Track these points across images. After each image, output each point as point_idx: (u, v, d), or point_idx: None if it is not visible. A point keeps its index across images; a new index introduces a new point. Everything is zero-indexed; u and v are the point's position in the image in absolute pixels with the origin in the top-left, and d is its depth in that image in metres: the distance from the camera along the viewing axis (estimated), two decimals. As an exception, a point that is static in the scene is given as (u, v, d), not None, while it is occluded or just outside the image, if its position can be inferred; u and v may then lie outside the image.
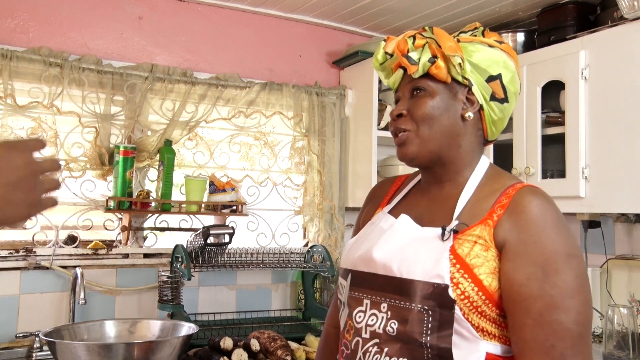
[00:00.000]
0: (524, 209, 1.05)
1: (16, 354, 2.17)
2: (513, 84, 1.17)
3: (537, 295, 1.00)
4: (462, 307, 1.02)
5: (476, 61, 1.14)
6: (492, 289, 1.03)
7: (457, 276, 1.02)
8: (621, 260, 2.45)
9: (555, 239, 1.03)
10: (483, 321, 1.03)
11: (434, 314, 1.02)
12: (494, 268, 1.04)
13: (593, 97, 2.18)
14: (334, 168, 2.92)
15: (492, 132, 1.19)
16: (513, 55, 1.19)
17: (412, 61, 1.14)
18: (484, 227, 1.06)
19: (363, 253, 1.16)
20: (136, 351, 1.78)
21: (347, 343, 1.15)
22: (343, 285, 1.20)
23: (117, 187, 2.38)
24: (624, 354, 2.08)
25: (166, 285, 2.28)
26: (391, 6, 2.70)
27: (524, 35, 2.60)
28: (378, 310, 1.09)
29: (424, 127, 1.14)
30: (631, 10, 2.03)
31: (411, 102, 1.16)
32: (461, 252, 1.05)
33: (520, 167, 2.39)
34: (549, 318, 0.99)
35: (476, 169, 1.17)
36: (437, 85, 1.14)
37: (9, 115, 2.26)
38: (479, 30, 1.20)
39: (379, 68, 1.23)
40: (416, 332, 1.03)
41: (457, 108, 1.15)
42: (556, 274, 1.00)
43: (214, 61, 2.75)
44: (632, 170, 2.04)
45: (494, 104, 1.16)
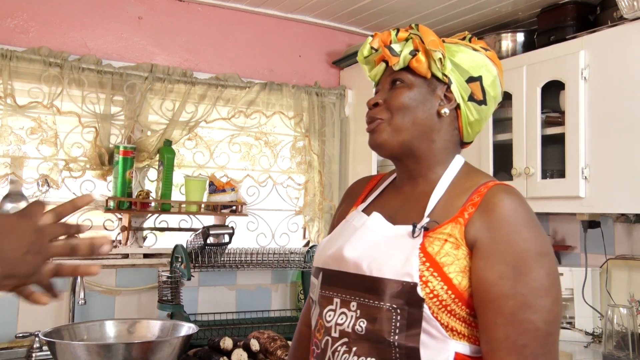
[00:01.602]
0: (495, 207, 1.04)
1: (16, 354, 2.17)
2: (493, 88, 1.17)
3: (509, 295, 0.99)
4: (431, 305, 1.01)
5: (458, 61, 1.15)
6: (462, 288, 1.03)
7: (427, 274, 1.02)
8: (621, 260, 2.45)
9: (526, 238, 1.02)
10: (452, 320, 1.03)
11: (403, 312, 1.02)
12: (465, 267, 1.03)
13: (593, 97, 2.18)
14: (334, 168, 2.93)
15: (468, 133, 1.19)
16: (497, 62, 1.19)
17: (393, 52, 1.14)
18: (454, 225, 1.06)
19: (334, 251, 1.16)
20: (136, 351, 1.78)
21: (317, 342, 1.14)
22: (315, 283, 1.20)
23: (116, 187, 2.38)
24: (623, 354, 2.08)
25: (166, 285, 2.28)
26: (391, 6, 2.70)
27: (524, 35, 2.60)
28: (348, 309, 1.09)
29: (398, 116, 1.14)
30: (631, 11, 2.03)
31: (389, 93, 1.17)
32: (431, 251, 1.04)
33: (520, 167, 2.39)
34: (520, 317, 0.99)
35: (449, 167, 1.17)
36: (417, 78, 1.15)
37: (9, 115, 2.26)
38: (467, 38, 1.21)
39: (364, 62, 1.24)
40: (385, 331, 1.03)
41: (433, 103, 1.15)
42: (528, 272, 1.00)
43: (214, 61, 2.75)
44: (632, 170, 2.04)
45: (472, 104, 1.16)
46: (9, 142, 2.26)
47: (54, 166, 2.33)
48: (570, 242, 2.71)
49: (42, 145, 2.32)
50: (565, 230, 2.74)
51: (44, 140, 2.31)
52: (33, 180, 2.31)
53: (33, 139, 2.31)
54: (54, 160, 2.33)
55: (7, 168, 2.25)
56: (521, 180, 2.38)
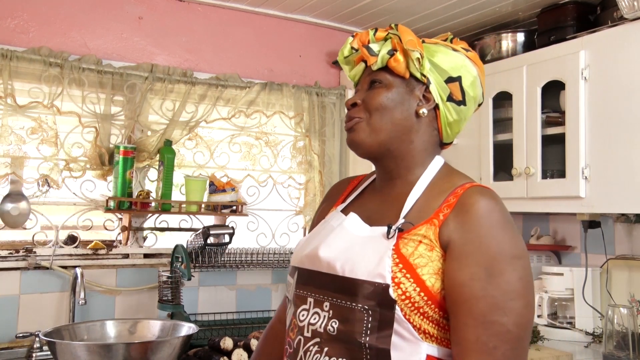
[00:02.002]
0: (470, 208, 1.04)
1: (16, 354, 2.17)
2: (473, 88, 1.17)
3: (480, 296, 0.99)
4: (403, 307, 1.00)
5: (437, 61, 1.14)
6: (434, 290, 1.02)
7: (399, 276, 1.01)
8: (621, 260, 2.45)
9: (500, 240, 1.01)
10: (425, 322, 1.02)
11: (374, 313, 1.01)
12: (438, 269, 1.03)
13: (593, 97, 2.18)
14: (334, 168, 2.93)
15: (448, 134, 1.18)
16: (478, 63, 1.18)
17: (371, 52, 1.14)
18: (429, 227, 1.05)
19: (310, 251, 1.15)
20: (136, 351, 1.78)
21: (290, 342, 1.14)
22: (290, 282, 1.20)
23: (117, 187, 2.38)
24: (624, 354, 2.08)
25: (166, 286, 2.28)
26: (391, 6, 2.70)
27: (524, 35, 2.60)
28: (321, 309, 1.08)
29: (376, 116, 1.14)
30: (631, 11, 2.03)
31: (367, 93, 1.16)
32: (405, 252, 1.03)
33: (520, 167, 2.39)
34: (491, 319, 0.98)
35: (428, 168, 1.16)
36: (395, 79, 1.15)
37: (9, 115, 2.26)
38: (449, 38, 1.21)
39: (344, 62, 1.23)
40: (356, 332, 1.02)
41: (411, 104, 1.15)
42: (500, 275, 0.99)
43: (214, 61, 2.75)
44: (632, 171, 2.04)
45: (451, 105, 1.15)
46: (10, 142, 2.26)
47: (54, 166, 2.33)
48: (571, 242, 2.71)
49: (42, 145, 2.32)
50: (565, 230, 2.74)
51: (44, 140, 2.31)
52: (33, 180, 2.31)
53: (33, 139, 2.31)
54: (54, 160, 2.33)
55: (7, 168, 2.25)
56: (521, 180, 2.38)
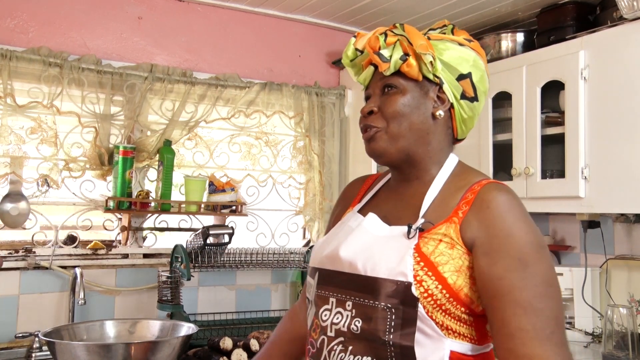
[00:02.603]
0: (489, 204, 1.05)
1: (15, 354, 2.17)
2: (482, 82, 1.18)
3: (522, 286, 1.00)
4: (425, 304, 1.02)
5: (447, 59, 1.14)
6: (456, 287, 1.03)
7: (421, 274, 1.02)
8: (620, 260, 2.45)
9: (526, 231, 1.04)
10: (447, 319, 1.03)
11: (397, 311, 1.02)
12: (460, 266, 1.04)
13: (592, 98, 2.18)
14: (334, 168, 2.93)
15: (462, 131, 1.20)
16: (482, 54, 1.19)
17: (383, 59, 1.14)
18: (449, 225, 1.06)
19: (330, 251, 1.16)
20: (135, 351, 1.78)
21: (313, 342, 1.15)
22: (311, 284, 1.21)
23: (116, 187, 2.38)
24: (623, 354, 2.08)
25: (166, 286, 2.28)
26: (391, 6, 2.70)
27: (524, 35, 2.60)
28: (343, 309, 1.09)
29: (394, 124, 1.14)
30: (631, 11, 2.03)
31: (382, 100, 1.16)
32: (426, 251, 1.05)
33: (519, 167, 2.39)
34: (539, 306, 1.00)
35: (444, 167, 1.17)
36: (408, 82, 1.15)
37: (8, 115, 2.26)
38: (448, 28, 1.20)
39: (349, 64, 1.23)
40: (380, 330, 1.03)
41: (427, 106, 1.15)
42: (533, 264, 1.01)
43: (214, 61, 2.75)
44: (632, 171, 2.04)
45: (464, 102, 1.16)
46: (9, 142, 2.26)
47: (54, 166, 2.33)
48: (570, 242, 2.71)
49: (42, 145, 2.32)
50: (565, 230, 2.74)
51: (44, 140, 2.31)
52: (33, 180, 2.31)
53: (33, 139, 2.31)
54: (54, 160, 2.33)
55: (6, 168, 2.25)
56: (521, 180, 2.38)
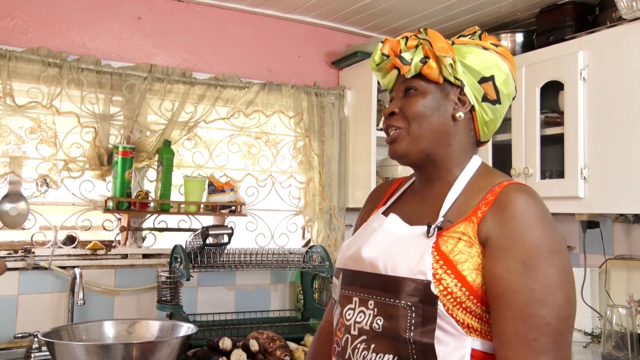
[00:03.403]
0: (507, 204, 1.06)
1: (15, 355, 2.17)
2: (506, 86, 1.19)
3: (519, 289, 1.00)
4: (445, 302, 1.02)
5: (469, 63, 1.16)
6: (476, 285, 1.04)
7: (440, 272, 1.04)
8: (620, 260, 2.45)
9: (537, 235, 1.03)
10: (468, 317, 1.04)
11: (418, 309, 1.04)
12: (478, 264, 1.05)
13: (592, 98, 2.18)
14: (334, 168, 2.92)
15: (485, 133, 1.21)
16: (509, 58, 1.20)
17: (404, 61, 1.16)
18: (468, 224, 1.08)
19: (353, 252, 1.19)
20: (135, 352, 1.78)
21: (338, 340, 1.17)
22: (336, 284, 1.24)
23: (116, 188, 2.38)
24: (622, 354, 2.08)
25: (165, 286, 2.28)
26: (390, 6, 2.70)
27: (523, 35, 2.60)
28: (366, 308, 1.12)
29: (415, 125, 1.16)
30: (630, 11, 2.03)
31: (404, 101, 1.19)
32: (445, 249, 1.06)
33: (519, 168, 2.39)
34: (530, 311, 0.99)
35: (466, 168, 1.19)
36: (429, 85, 1.17)
37: (7, 115, 2.25)
38: (477, 34, 1.22)
39: (376, 69, 1.26)
40: (400, 328, 1.05)
41: (448, 108, 1.17)
42: (538, 268, 1.01)
43: (213, 61, 2.75)
44: (631, 171, 2.04)
45: (486, 105, 1.17)
46: (8, 142, 2.26)
47: (53, 166, 2.33)
48: (570, 242, 2.71)
49: (41, 145, 2.31)
50: (564, 230, 2.74)
51: (43, 140, 2.31)
52: (32, 180, 2.31)
53: (32, 139, 2.30)
54: (53, 160, 2.33)
55: (6, 168, 2.25)
56: (520, 181, 2.37)
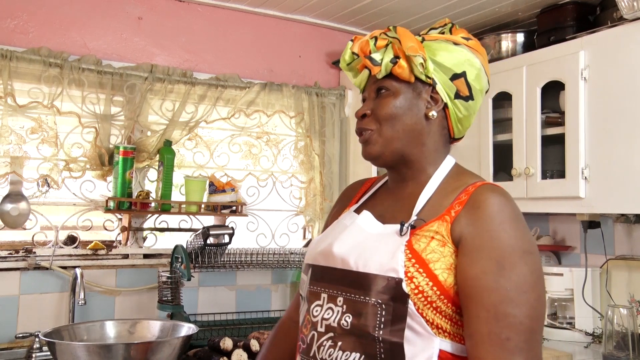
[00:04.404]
0: (480, 205, 1.05)
1: (16, 355, 2.17)
2: (478, 81, 1.17)
3: (492, 289, 1.00)
4: (416, 301, 1.02)
5: (440, 60, 1.14)
6: (447, 285, 1.03)
7: (412, 270, 1.03)
8: (621, 260, 2.45)
9: (511, 235, 1.03)
10: (438, 317, 1.03)
11: (388, 307, 1.03)
12: (451, 264, 1.04)
13: (593, 98, 2.18)
14: (334, 168, 2.93)
15: (458, 130, 1.20)
16: (481, 51, 1.18)
17: (374, 62, 1.14)
18: (441, 223, 1.07)
19: (324, 248, 1.17)
20: (136, 352, 1.78)
21: (303, 337, 1.15)
22: (304, 280, 1.22)
23: (116, 188, 2.38)
24: (623, 354, 2.08)
25: (166, 286, 2.28)
26: (391, 7, 2.70)
27: (524, 35, 2.60)
28: (334, 304, 1.10)
29: (387, 126, 1.15)
30: (631, 11, 2.03)
31: (375, 102, 1.17)
32: (417, 247, 1.05)
33: (519, 168, 2.39)
34: (503, 311, 0.99)
35: (440, 168, 1.17)
36: (401, 84, 1.15)
37: (9, 115, 2.25)
38: (447, 27, 1.20)
39: (347, 69, 1.24)
40: (369, 326, 1.04)
41: (420, 107, 1.15)
42: (511, 268, 1.00)
43: (214, 62, 2.75)
44: (632, 171, 2.04)
45: (459, 102, 1.16)
46: (9, 142, 2.26)
47: (54, 166, 2.33)
48: (570, 242, 2.71)
49: (42, 145, 2.32)
50: (565, 230, 2.74)
51: (44, 140, 2.31)
52: (33, 180, 2.31)
53: (33, 139, 2.31)
54: (54, 160, 2.33)
55: (7, 168, 2.25)
56: (521, 181, 2.38)
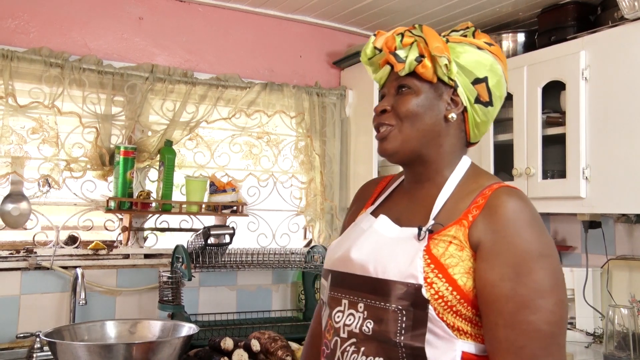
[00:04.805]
0: (497, 209, 1.05)
1: (17, 355, 2.17)
2: (499, 87, 1.17)
3: (509, 296, 1.00)
4: (436, 306, 1.02)
5: (463, 63, 1.14)
6: (467, 289, 1.03)
7: (431, 276, 1.03)
8: (622, 260, 2.45)
9: (528, 239, 1.02)
10: (458, 320, 1.03)
11: (408, 313, 1.03)
12: (469, 268, 1.04)
13: (593, 98, 2.18)
14: (335, 168, 2.92)
15: (475, 134, 1.20)
16: (502, 58, 1.19)
17: (399, 59, 1.14)
18: (459, 228, 1.07)
19: (342, 253, 1.17)
20: (137, 352, 1.78)
21: (327, 343, 1.16)
22: (324, 285, 1.22)
23: (117, 188, 2.38)
24: (624, 354, 2.08)
25: (167, 286, 2.28)
26: (391, 7, 2.70)
27: (525, 35, 2.60)
28: (355, 310, 1.10)
29: (407, 124, 1.14)
30: (632, 11, 2.03)
31: (396, 99, 1.17)
32: (436, 252, 1.05)
33: (520, 168, 2.39)
34: (519, 318, 0.99)
35: (456, 169, 1.17)
36: (423, 84, 1.15)
37: (9, 115, 2.25)
38: (470, 31, 1.20)
39: (367, 62, 1.23)
40: (391, 332, 1.04)
41: (440, 108, 1.15)
42: (528, 274, 1.00)
43: (215, 62, 2.75)
44: (633, 171, 2.04)
45: (479, 106, 1.16)
46: (10, 142, 2.26)
47: (55, 166, 2.33)
48: (571, 242, 2.71)
49: (43, 145, 2.32)
50: (566, 230, 2.73)
51: (45, 141, 2.31)
52: (34, 180, 2.31)
53: (34, 139, 2.31)
54: (55, 160, 2.33)
55: (8, 168, 2.25)
56: (522, 181, 2.38)
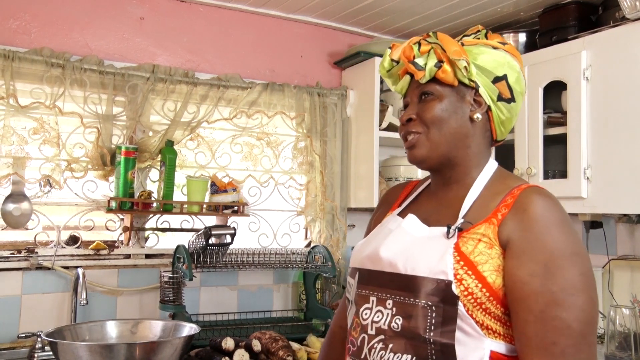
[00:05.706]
0: (527, 207, 1.07)
1: (18, 355, 2.17)
2: (519, 83, 1.20)
3: (539, 292, 1.01)
4: (465, 303, 1.03)
5: (481, 63, 1.16)
6: (496, 286, 1.04)
7: (461, 272, 1.04)
8: (623, 260, 2.45)
9: (558, 238, 1.04)
10: (487, 318, 1.04)
11: (438, 309, 1.04)
12: (498, 266, 1.05)
13: (595, 98, 2.18)
14: (336, 168, 2.92)
15: (501, 132, 1.22)
16: (517, 55, 1.21)
17: (418, 67, 1.16)
18: (488, 226, 1.08)
19: (370, 252, 1.19)
20: (138, 351, 1.78)
21: (353, 340, 1.17)
22: (351, 284, 1.24)
23: (118, 188, 2.38)
24: (626, 354, 2.08)
25: (168, 286, 2.28)
26: (392, 7, 2.70)
27: (526, 35, 2.60)
28: (384, 307, 1.12)
29: (434, 130, 1.17)
30: (633, 11, 2.03)
31: (420, 107, 1.19)
32: (465, 250, 1.06)
33: (521, 168, 2.39)
34: (549, 314, 0.99)
35: (484, 171, 1.20)
36: (445, 88, 1.17)
37: (11, 115, 2.26)
38: (482, 33, 1.23)
39: (386, 75, 1.26)
40: (420, 328, 1.05)
41: (465, 110, 1.18)
42: (558, 271, 1.01)
43: (216, 62, 2.75)
44: (634, 171, 2.04)
45: (502, 104, 1.18)
46: (12, 143, 2.26)
47: (56, 166, 2.33)
48: (572, 242, 2.70)
49: (44, 146, 2.32)
50: (567, 230, 2.73)
51: (46, 141, 2.31)
52: (35, 181, 2.31)
53: (35, 140, 2.31)
54: (56, 160, 2.33)
55: (9, 168, 2.26)
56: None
